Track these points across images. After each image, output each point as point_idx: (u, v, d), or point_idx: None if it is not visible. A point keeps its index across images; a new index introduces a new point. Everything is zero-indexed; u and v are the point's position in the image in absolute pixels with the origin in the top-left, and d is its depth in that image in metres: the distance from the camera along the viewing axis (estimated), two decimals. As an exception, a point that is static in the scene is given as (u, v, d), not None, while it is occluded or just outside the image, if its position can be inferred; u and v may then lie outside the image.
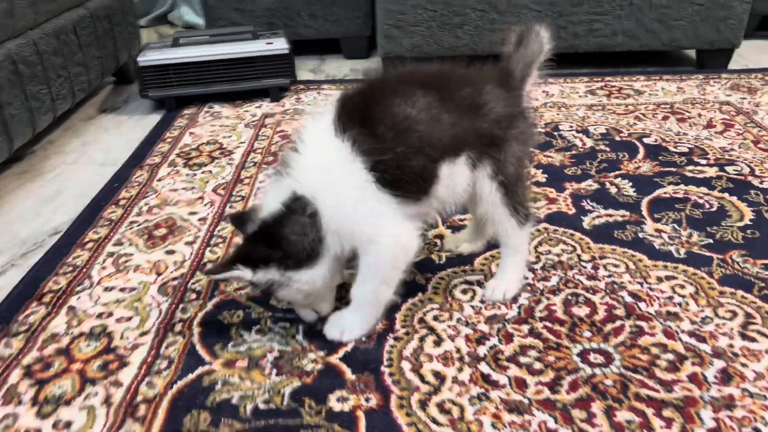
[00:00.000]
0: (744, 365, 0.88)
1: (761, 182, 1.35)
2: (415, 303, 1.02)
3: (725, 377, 0.86)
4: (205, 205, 1.33)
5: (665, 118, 1.68)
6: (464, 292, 1.04)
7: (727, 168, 1.41)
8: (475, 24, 1.95)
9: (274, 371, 0.89)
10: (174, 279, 1.09)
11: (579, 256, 1.12)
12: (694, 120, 1.67)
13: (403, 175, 0.85)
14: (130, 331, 0.97)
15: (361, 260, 0.89)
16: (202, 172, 1.47)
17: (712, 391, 0.84)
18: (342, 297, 1.00)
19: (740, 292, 1.02)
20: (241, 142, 1.62)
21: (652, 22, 1.95)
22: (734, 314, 0.97)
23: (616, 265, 1.09)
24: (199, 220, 1.28)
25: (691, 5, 1.93)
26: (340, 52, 2.35)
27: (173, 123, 1.75)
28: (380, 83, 0.92)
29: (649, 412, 0.81)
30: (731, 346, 0.91)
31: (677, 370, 0.87)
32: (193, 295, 1.05)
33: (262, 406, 0.83)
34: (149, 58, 1.77)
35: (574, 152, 1.51)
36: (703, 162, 1.44)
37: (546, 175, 1.41)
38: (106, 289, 1.07)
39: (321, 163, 0.86)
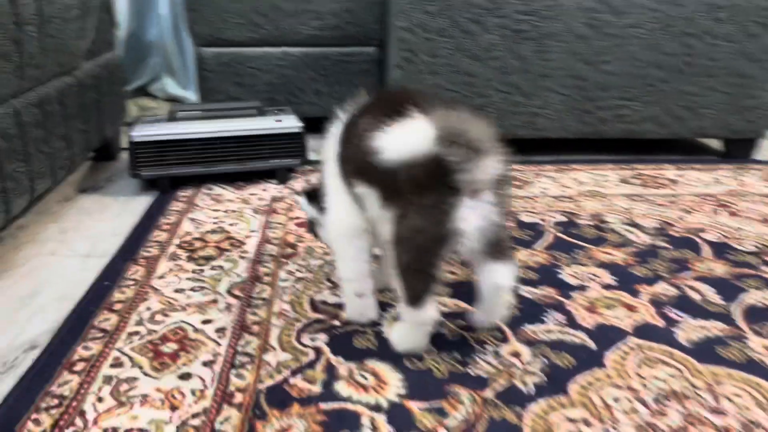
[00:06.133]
0: None
1: None
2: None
3: None
4: (221, 310, 1.10)
5: (715, 211, 1.56)
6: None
7: (807, 270, 1.27)
8: (498, 106, 1.83)
9: None
10: (194, 416, 0.85)
11: (691, 383, 0.93)
12: (745, 213, 1.55)
13: (344, 173, 0.96)
14: (144, 498, 0.72)
15: None
16: (212, 268, 1.24)
17: None
18: None
19: None
20: (252, 231, 1.40)
21: (681, 109, 1.87)
22: None
23: (738, 395, 0.91)
24: (217, 331, 1.04)
25: (719, 93, 1.86)
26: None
27: (168, 206, 1.52)
28: (384, 95, 1.02)
29: None
30: None
31: None
32: (224, 441, 0.80)
33: None
34: (144, 132, 1.56)
35: (633, 249, 1.35)
36: (779, 262, 1.30)
37: (614, 277, 1.23)
38: (106, 432, 0.82)
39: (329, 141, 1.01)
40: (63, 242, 1.36)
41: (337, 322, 1.06)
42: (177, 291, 1.16)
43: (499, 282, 0.95)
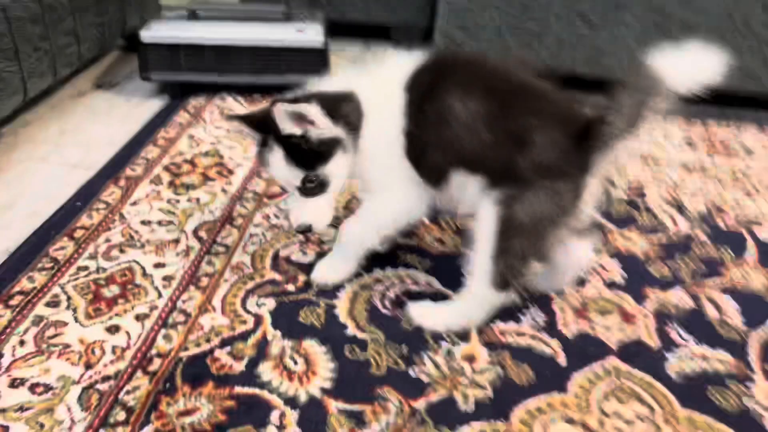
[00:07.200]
0: None
1: None
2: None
3: None
4: (178, 254, 1.04)
5: (785, 197, 1.31)
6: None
7: None
8: (558, 36, 1.58)
9: None
10: (105, 379, 0.81)
11: (659, 428, 0.80)
12: (822, 206, 1.29)
13: (422, 159, 0.87)
14: (19, 470, 0.70)
15: (364, 203, 0.96)
16: (188, 200, 1.18)
17: None
18: None
19: None
20: (246, 158, 1.32)
21: (783, 62, 1.55)
22: None
23: (712, 456, 0.77)
24: (164, 279, 0.99)
25: (836, 48, 1.52)
26: (388, 38, 1.99)
27: (173, 118, 1.45)
28: (459, 65, 0.88)
29: None
30: None
31: None
32: (121, 415, 0.77)
33: None
34: (156, 34, 1.47)
35: (662, 238, 1.16)
36: (836, 280, 1.08)
37: (623, 273, 1.07)
38: (14, 383, 0.80)
39: (379, 98, 0.88)
40: (58, 147, 1.33)
41: (291, 287, 0.99)
42: (143, 223, 1.11)
43: (583, 258, 0.97)
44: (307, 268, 1.02)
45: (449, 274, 1.03)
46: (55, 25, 1.33)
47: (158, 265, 1.01)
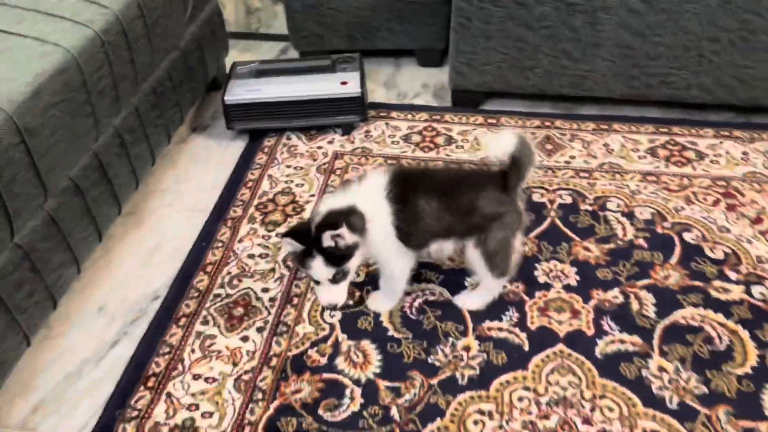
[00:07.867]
0: None
1: (781, 314, 1.43)
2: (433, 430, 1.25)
3: None
4: (276, 280, 1.57)
5: (716, 203, 1.72)
6: (475, 423, 1.26)
7: (752, 289, 1.49)
8: (546, 68, 1.97)
9: (315, 490, 1.17)
10: (246, 372, 1.37)
11: (582, 393, 1.30)
12: (743, 209, 1.70)
13: (409, 239, 1.33)
14: (211, 429, 1.27)
15: (383, 270, 1.42)
16: (276, 235, 1.69)
17: None
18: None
19: (712, 460, 1.19)
20: (311, 196, 1.81)
21: (731, 79, 1.90)
22: (698, 485, 1.16)
23: (611, 409, 1.27)
24: (270, 300, 1.52)
25: (776, 67, 1.86)
26: (412, 55, 2.40)
27: (254, 159, 1.95)
28: (416, 177, 1.38)
29: None
30: None
31: None
32: (259, 395, 1.32)
33: None
34: (235, 97, 1.95)
35: (612, 245, 1.61)
36: (733, 276, 1.52)
37: (578, 278, 1.54)
38: (195, 377, 1.36)
39: (373, 207, 1.29)
40: (178, 194, 1.85)
41: (351, 302, 1.50)
42: (249, 257, 1.64)
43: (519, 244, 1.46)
44: (360, 285, 1.53)
45: (457, 284, 1.53)
46: (165, 103, 1.83)
47: (264, 290, 1.55)
